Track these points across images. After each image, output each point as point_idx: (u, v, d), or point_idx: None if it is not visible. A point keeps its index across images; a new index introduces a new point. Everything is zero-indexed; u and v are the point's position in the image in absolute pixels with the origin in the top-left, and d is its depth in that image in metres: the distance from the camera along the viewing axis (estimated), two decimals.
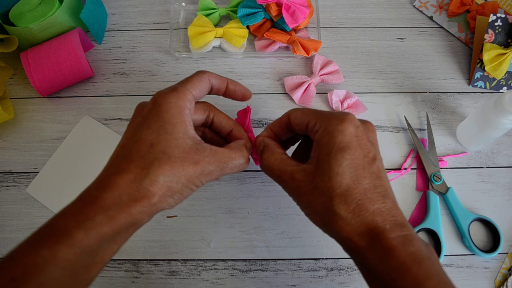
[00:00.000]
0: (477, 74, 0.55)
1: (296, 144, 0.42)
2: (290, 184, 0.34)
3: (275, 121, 0.39)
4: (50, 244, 0.27)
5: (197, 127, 0.40)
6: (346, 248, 0.32)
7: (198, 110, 0.38)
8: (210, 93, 0.38)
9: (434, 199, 0.48)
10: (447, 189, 0.49)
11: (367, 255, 0.30)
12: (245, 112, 0.41)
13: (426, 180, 0.50)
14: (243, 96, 0.40)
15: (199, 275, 0.46)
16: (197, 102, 0.38)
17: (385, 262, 0.29)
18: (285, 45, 0.57)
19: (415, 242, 0.30)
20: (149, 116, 0.33)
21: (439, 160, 0.51)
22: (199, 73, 0.36)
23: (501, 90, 0.55)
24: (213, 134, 0.41)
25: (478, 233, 0.48)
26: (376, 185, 0.32)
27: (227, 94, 0.39)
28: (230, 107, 0.55)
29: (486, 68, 0.53)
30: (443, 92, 0.55)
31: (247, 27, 0.57)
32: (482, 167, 0.51)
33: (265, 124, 0.54)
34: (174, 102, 0.33)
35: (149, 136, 0.31)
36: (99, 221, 0.28)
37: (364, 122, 0.35)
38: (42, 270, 0.26)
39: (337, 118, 0.33)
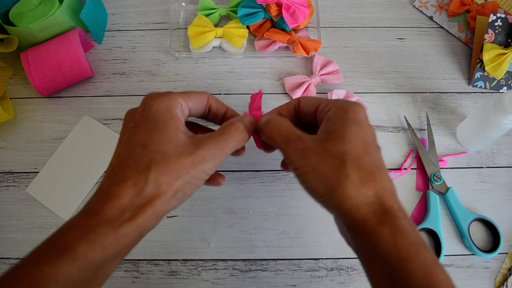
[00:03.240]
0: (477, 74, 0.55)
1: None
2: (297, 144, 0.32)
3: (282, 105, 0.38)
4: (52, 259, 0.26)
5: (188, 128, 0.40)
6: (351, 222, 0.30)
7: (197, 104, 0.36)
8: (208, 115, 0.38)
9: (434, 199, 0.48)
10: (447, 189, 0.49)
11: (378, 230, 0.29)
12: (257, 95, 0.41)
13: (426, 180, 0.50)
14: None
15: (199, 275, 0.46)
16: (196, 93, 0.37)
17: (397, 239, 0.28)
18: (285, 45, 0.57)
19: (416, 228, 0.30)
20: (140, 120, 0.32)
21: (439, 160, 0.51)
22: (201, 91, 0.36)
23: (501, 90, 0.55)
24: (205, 131, 0.41)
25: (478, 233, 0.48)
26: (382, 165, 0.32)
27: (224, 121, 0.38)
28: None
29: (486, 68, 0.53)
30: (443, 92, 0.55)
31: (247, 27, 0.57)
32: (482, 167, 0.51)
33: None
34: (163, 101, 0.32)
35: (142, 138, 0.31)
36: (103, 233, 0.27)
37: None
38: (43, 287, 0.25)
39: (350, 102, 0.34)
